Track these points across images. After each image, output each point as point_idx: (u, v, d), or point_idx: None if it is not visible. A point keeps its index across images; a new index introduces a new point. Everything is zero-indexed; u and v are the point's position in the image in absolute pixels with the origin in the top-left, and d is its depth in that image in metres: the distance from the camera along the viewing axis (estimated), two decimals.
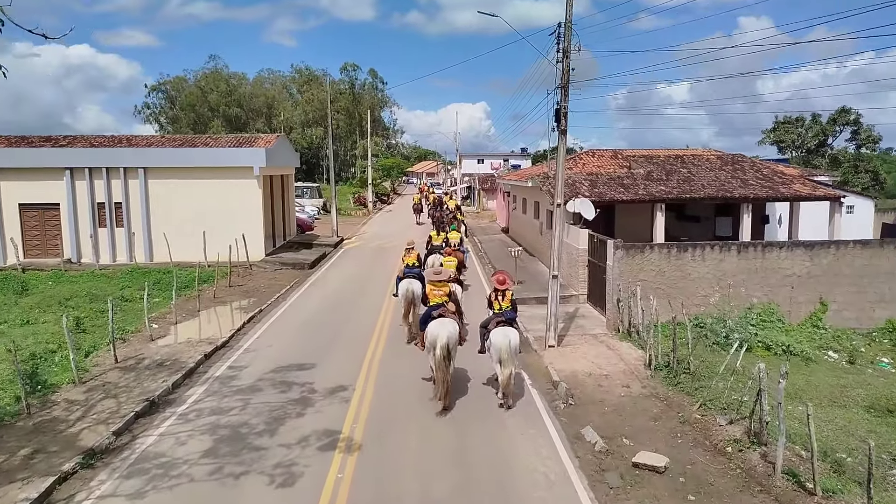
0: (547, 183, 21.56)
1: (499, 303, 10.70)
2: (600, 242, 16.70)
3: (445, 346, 10.00)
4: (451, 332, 10.21)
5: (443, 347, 9.97)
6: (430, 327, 10.31)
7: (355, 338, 14.78)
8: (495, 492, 7.87)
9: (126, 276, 21.63)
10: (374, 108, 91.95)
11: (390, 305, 18.05)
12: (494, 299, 10.80)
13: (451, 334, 10.20)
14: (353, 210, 51.33)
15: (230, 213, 24.29)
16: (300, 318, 16.84)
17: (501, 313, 10.59)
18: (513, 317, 10.71)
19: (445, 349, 9.99)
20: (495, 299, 10.77)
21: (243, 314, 17.15)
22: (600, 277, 16.60)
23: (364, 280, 22.29)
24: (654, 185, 21.51)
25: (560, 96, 12.71)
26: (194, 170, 24.35)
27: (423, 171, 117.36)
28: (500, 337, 10.21)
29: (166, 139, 27.15)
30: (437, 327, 10.23)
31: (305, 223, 34.85)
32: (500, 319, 10.48)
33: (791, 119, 49.35)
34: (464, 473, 8.30)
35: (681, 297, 14.86)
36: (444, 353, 9.97)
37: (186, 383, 11.79)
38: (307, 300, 19.13)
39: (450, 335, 10.14)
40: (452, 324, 10.39)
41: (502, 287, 10.74)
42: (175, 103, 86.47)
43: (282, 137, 29.02)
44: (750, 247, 14.86)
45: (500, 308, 10.67)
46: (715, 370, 11.92)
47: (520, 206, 30.38)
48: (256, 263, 24.17)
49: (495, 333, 10.31)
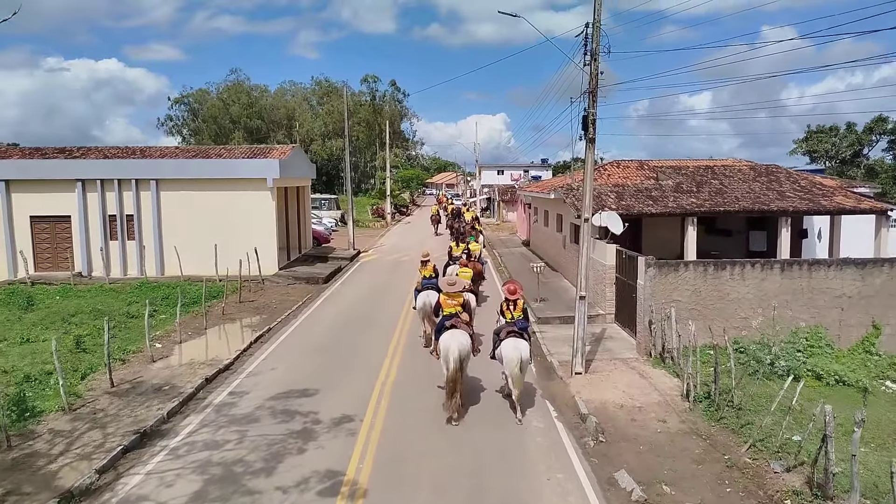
0: (571, 195, 20.53)
1: (510, 312, 10.77)
2: (629, 259, 15.61)
3: (458, 359, 10.10)
4: (462, 343, 10.32)
5: (455, 360, 10.07)
6: (443, 339, 10.43)
7: (367, 360, 13.85)
8: None
9: (135, 291, 20.97)
10: (393, 120, 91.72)
11: (405, 325, 17.12)
12: (507, 309, 10.85)
13: (463, 346, 10.31)
14: (372, 222, 50.64)
15: (243, 225, 23.62)
16: (310, 337, 15.97)
17: (513, 323, 10.65)
18: (525, 326, 10.74)
19: (458, 361, 10.09)
20: (507, 309, 10.84)
21: (251, 333, 16.33)
22: (630, 297, 15.49)
23: (379, 295, 21.39)
24: (685, 198, 20.34)
25: (588, 102, 11.73)
26: (207, 181, 23.75)
27: (443, 183, 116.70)
28: (511, 350, 10.23)
29: (180, 150, 26.68)
30: (448, 339, 10.32)
31: (322, 235, 34.15)
32: (511, 329, 10.54)
33: (824, 128, 47.58)
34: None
35: (718, 320, 13.71)
36: (456, 366, 10.06)
37: (183, 411, 10.92)
38: (319, 318, 18.26)
39: (461, 347, 10.25)
40: (464, 335, 10.49)
41: (513, 297, 10.82)
42: (197, 115, 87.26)
43: (297, 148, 28.40)
44: (794, 265, 13.66)
45: (511, 318, 10.72)
46: (761, 403, 10.77)
47: (541, 218, 29.33)
48: (269, 277, 23.42)
49: (506, 346, 10.35)
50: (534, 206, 31.72)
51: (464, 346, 10.31)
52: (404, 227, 48.93)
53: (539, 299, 19.16)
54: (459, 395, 10.18)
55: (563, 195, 20.73)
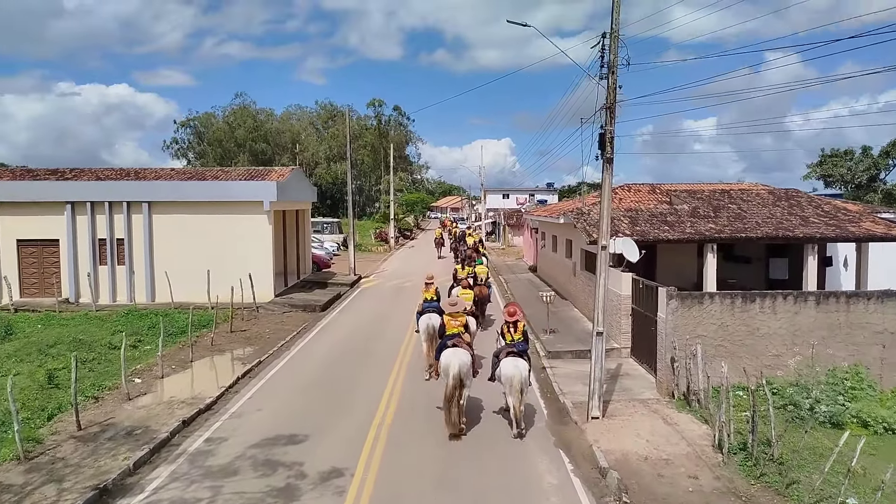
0: (582, 220, 19.46)
1: (510, 334, 10.85)
2: (647, 289, 14.45)
3: (457, 376, 10.23)
4: (462, 361, 10.44)
5: (454, 377, 10.20)
6: (444, 356, 10.62)
7: (362, 398, 12.67)
8: None
9: (121, 320, 19.88)
10: (398, 144, 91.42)
11: (405, 356, 15.96)
12: (507, 331, 10.92)
13: (463, 363, 10.44)
14: (375, 246, 49.65)
15: (238, 250, 22.60)
16: (302, 372, 14.80)
17: (513, 344, 10.75)
18: (524, 348, 10.83)
19: (457, 378, 10.23)
20: (507, 331, 10.92)
21: (240, 366, 15.18)
22: (648, 330, 14.30)
23: (378, 325, 20.23)
24: (702, 223, 19.23)
25: (605, 118, 10.70)
26: (201, 204, 22.81)
27: (448, 206, 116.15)
28: (511, 368, 10.36)
29: (175, 172, 25.83)
30: (449, 356, 10.50)
31: (322, 260, 33.11)
32: (511, 350, 10.64)
33: (839, 152, 46.51)
34: None
35: (747, 358, 12.49)
36: (455, 383, 10.20)
37: (153, 461, 9.74)
38: (313, 350, 17.10)
39: (461, 364, 10.38)
40: (465, 354, 10.66)
41: (513, 319, 10.91)
42: (203, 139, 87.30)
43: (296, 170, 27.51)
44: (831, 297, 12.48)
45: (511, 340, 10.82)
46: (805, 456, 9.53)
47: (549, 243, 28.24)
48: (264, 305, 22.31)
49: (505, 364, 10.48)
50: (541, 231, 30.65)
51: (464, 364, 10.44)
52: (408, 252, 47.90)
53: (548, 331, 17.97)
54: (460, 412, 10.34)
55: (574, 220, 19.66)
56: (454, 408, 10.25)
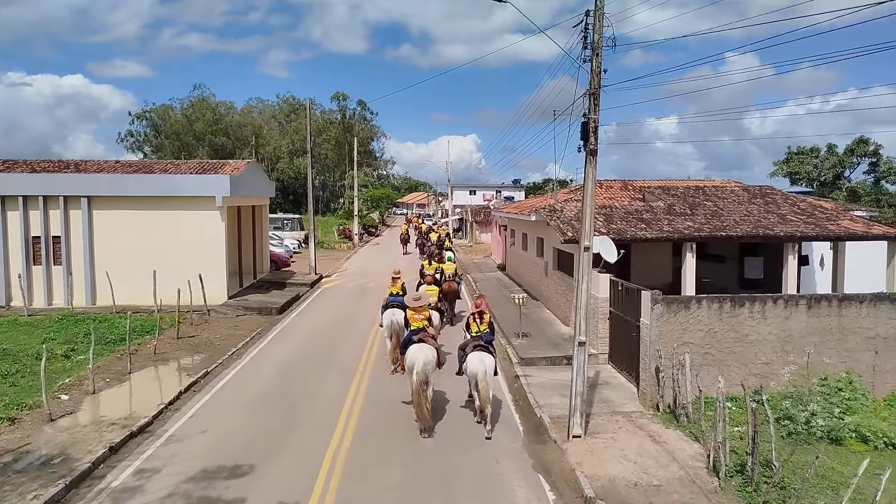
0: (555, 217, 18.49)
1: (476, 325, 11.04)
2: (627, 292, 13.53)
3: (422, 372, 10.28)
4: (427, 356, 10.52)
5: (419, 372, 10.25)
6: (409, 352, 10.71)
7: (319, 414, 11.42)
8: None
9: (55, 325, 18.14)
10: (363, 139, 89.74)
11: (368, 366, 14.73)
12: (473, 321, 11.14)
13: (428, 359, 10.52)
14: (338, 243, 48.09)
15: (189, 249, 21.02)
16: (254, 384, 13.44)
17: (479, 336, 10.91)
18: (490, 339, 11.04)
19: (422, 374, 10.27)
20: (473, 321, 11.13)
21: (184, 378, 13.74)
22: (628, 335, 13.38)
23: (339, 329, 18.92)
24: (680, 221, 18.48)
25: (588, 105, 9.65)
26: (148, 199, 21.13)
27: (414, 203, 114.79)
28: (476, 363, 10.47)
29: (120, 165, 24.00)
30: (415, 352, 10.59)
31: (281, 259, 31.53)
32: (477, 343, 10.79)
33: (805, 150, 46.76)
34: None
35: (736, 366, 11.65)
36: (420, 379, 10.25)
37: (69, 499, 8.34)
38: (268, 357, 15.73)
39: (426, 360, 10.46)
40: (430, 349, 10.73)
41: (478, 310, 11.20)
42: (160, 131, 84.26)
43: (252, 164, 25.92)
44: (823, 301, 11.72)
45: (478, 331, 10.99)
46: (805, 477, 8.65)
47: (519, 241, 27.28)
48: (216, 308, 20.78)
49: (471, 359, 10.58)
50: (510, 229, 29.69)
51: (429, 360, 10.52)
52: (372, 249, 46.48)
53: (521, 334, 16.95)
54: (427, 407, 10.33)
55: (547, 217, 18.68)
56: (423, 402, 10.28)
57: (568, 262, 18.86)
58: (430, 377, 10.52)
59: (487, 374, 10.39)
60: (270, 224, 44.21)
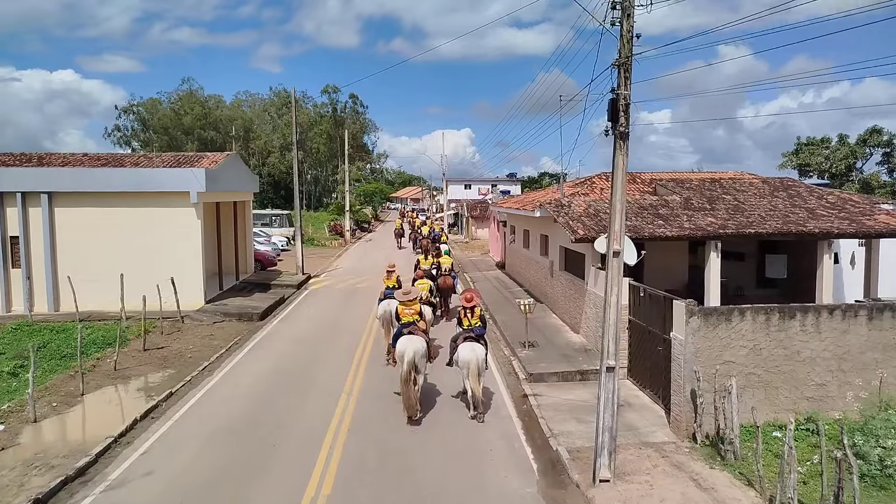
0: (563, 213, 16.74)
1: (468, 319, 11.23)
2: (651, 299, 11.81)
3: (411, 361, 10.50)
4: (417, 348, 10.73)
5: (409, 363, 10.47)
6: (399, 343, 10.87)
7: (296, 448, 9.69)
8: None
9: (7, 337, 16.30)
10: (355, 132, 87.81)
11: (356, 385, 12.98)
12: (464, 316, 11.28)
13: (418, 350, 10.73)
14: (329, 240, 46.22)
15: (161, 249, 19.23)
16: (222, 409, 11.66)
17: (470, 329, 11.11)
18: (481, 333, 11.18)
19: (411, 364, 10.50)
20: (464, 316, 11.27)
21: (143, 401, 11.96)
22: (652, 349, 11.68)
23: (325, 338, 17.15)
24: (700, 217, 16.77)
25: (618, 79, 7.90)
26: (116, 195, 19.27)
27: (408, 197, 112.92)
28: (468, 353, 10.66)
29: (88, 158, 22.09)
30: (405, 343, 10.77)
31: (266, 258, 29.66)
32: (468, 335, 10.99)
33: (815, 140, 45.00)
34: None
35: (785, 388, 9.95)
36: (409, 368, 10.45)
37: None
38: (243, 373, 13.95)
39: (416, 351, 10.66)
40: (420, 340, 10.94)
41: (470, 304, 11.31)
42: (148, 126, 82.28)
43: (233, 156, 24.04)
44: (886, 311, 10.02)
45: (469, 325, 11.18)
46: None
47: (520, 238, 25.53)
48: (192, 314, 18.96)
49: (463, 349, 10.78)
50: (510, 225, 27.92)
51: (418, 350, 10.71)
52: (365, 246, 44.65)
53: (527, 344, 15.21)
54: (416, 395, 10.62)
55: (553, 213, 16.92)
56: (410, 391, 10.48)
57: (577, 263, 17.14)
58: (420, 367, 10.83)
59: (479, 362, 10.59)
60: (257, 220, 42.43)
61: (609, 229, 8.54)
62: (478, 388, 10.62)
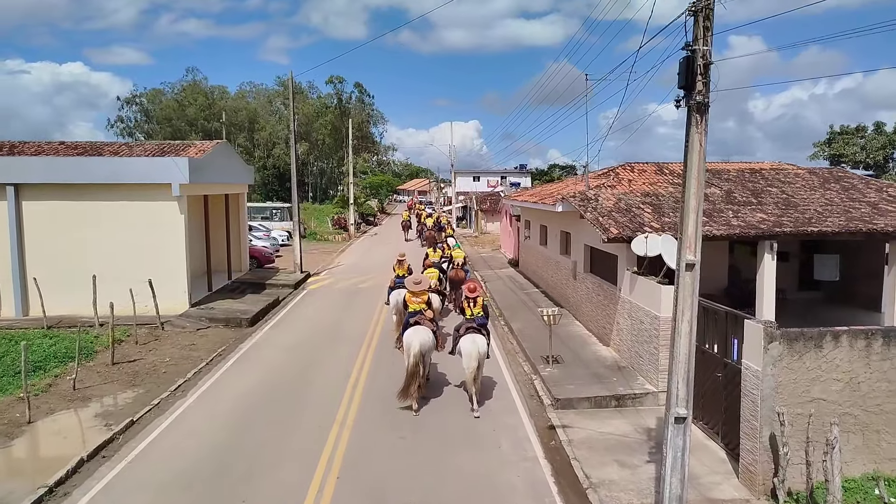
0: (590, 209, 14.66)
1: (470, 309, 11.27)
2: (710, 314, 9.75)
3: (418, 354, 10.67)
4: (423, 339, 10.87)
5: (415, 355, 10.64)
6: (406, 335, 11.05)
7: (280, 494, 7.73)
8: None
9: None
10: (361, 123, 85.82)
11: (351, 410, 11.01)
12: (467, 306, 11.33)
13: (424, 341, 10.86)
14: (333, 234, 44.26)
15: (140, 248, 17.37)
16: (188, 445, 9.71)
17: (473, 319, 11.17)
18: (483, 322, 11.26)
19: (418, 356, 10.67)
20: (467, 306, 11.32)
21: (99, 431, 10.05)
22: (707, 374, 9.65)
23: (321, 347, 15.20)
24: (748, 213, 14.69)
25: (694, 30, 5.84)
26: (90, 188, 17.35)
27: (415, 189, 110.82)
28: (469, 344, 10.80)
29: (64, 147, 20.19)
30: (411, 335, 10.90)
31: (263, 254, 27.71)
32: (470, 325, 11.08)
33: (849, 129, 42.44)
34: None
35: (889, 432, 7.89)
36: (416, 360, 10.64)
37: None
38: (220, 395, 12.01)
39: (422, 343, 10.80)
40: (426, 331, 11.08)
41: (473, 295, 11.35)
42: (151, 117, 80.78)
43: (223, 145, 22.08)
44: None
45: (471, 314, 11.23)
46: None
47: (536, 235, 23.46)
48: (173, 319, 17.06)
49: (464, 340, 10.91)
50: (525, 220, 25.84)
51: (425, 342, 10.83)
52: (370, 241, 42.66)
53: (551, 360, 13.18)
54: (419, 385, 10.79)
55: (579, 208, 14.86)
56: (414, 383, 10.63)
57: (606, 264, 15.08)
58: (426, 357, 11.06)
59: (479, 354, 10.71)
60: (257, 214, 40.57)
61: (680, 234, 6.49)
62: (476, 383, 10.79)
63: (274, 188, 79.44)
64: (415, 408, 10.66)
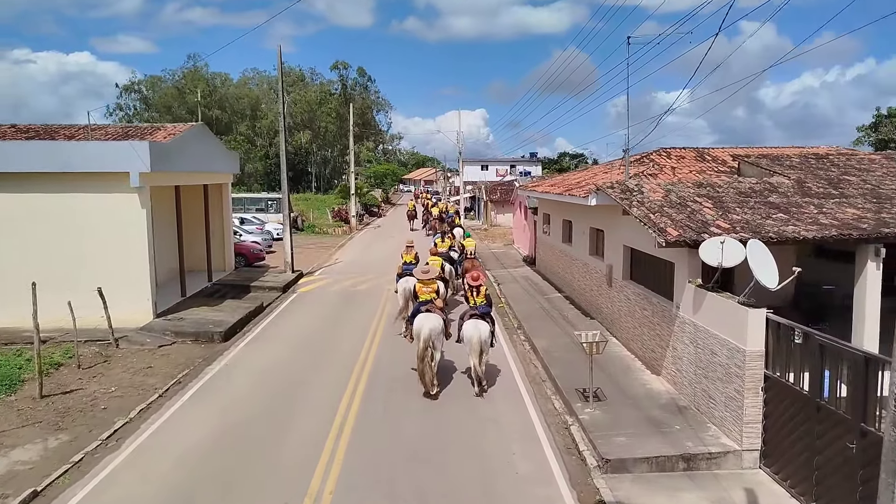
0: (636, 203, 11.76)
1: (473, 298, 11.37)
2: (826, 352, 6.90)
3: (427, 339, 10.67)
4: (433, 325, 10.85)
5: (425, 340, 10.65)
6: (416, 321, 11.06)
7: None
8: None
9: None
10: (365, 110, 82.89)
11: (337, 457, 8.23)
12: (471, 295, 11.44)
13: (434, 328, 10.85)
14: (332, 227, 41.51)
15: (94, 248, 14.70)
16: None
17: (476, 308, 11.26)
18: (486, 311, 11.35)
19: (427, 341, 10.68)
20: (471, 295, 11.43)
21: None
22: (830, 440, 6.84)
23: (306, 368, 12.45)
24: (835, 207, 11.77)
25: None
26: (35, 177, 14.65)
27: (421, 179, 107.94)
28: (472, 329, 10.88)
29: (13, 130, 17.47)
30: (421, 321, 10.91)
31: (252, 251, 24.96)
32: (473, 313, 11.17)
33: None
34: None
35: None
36: (425, 345, 10.65)
37: None
38: (167, 444, 9.26)
39: (432, 328, 10.80)
40: (437, 318, 11.05)
41: (476, 283, 11.46)
42: (150, 104, 78.46)
43: (198, 128, 19.25)
44: None
45: (474, 303, 11.32)
46: None
47: (557, 230, 20.57)
48: (131, 334, 14.37)
49: (467, 326, 11.00)
50: (543, 213, 22.97)
51: (434, 328, 10.84)
52: (373, 234, 39.90)
53: (590, 396, 10.32)
54: (432, 371, 10.82)
55: (623, 202, 11.97)
56: (426, 367, 10.69)
57: (653, 272, 12.24)
58: (437, 344, 11.03)
59: (481, 338, 10.75)
60: (251, 206, 37.90)
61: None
62: (481, 364, 10.84)
63: (277, 178, 76.93)
64: (433, 392, 10.70)
